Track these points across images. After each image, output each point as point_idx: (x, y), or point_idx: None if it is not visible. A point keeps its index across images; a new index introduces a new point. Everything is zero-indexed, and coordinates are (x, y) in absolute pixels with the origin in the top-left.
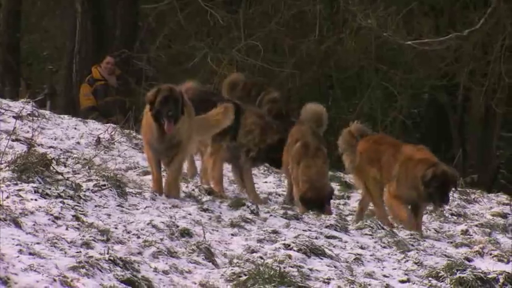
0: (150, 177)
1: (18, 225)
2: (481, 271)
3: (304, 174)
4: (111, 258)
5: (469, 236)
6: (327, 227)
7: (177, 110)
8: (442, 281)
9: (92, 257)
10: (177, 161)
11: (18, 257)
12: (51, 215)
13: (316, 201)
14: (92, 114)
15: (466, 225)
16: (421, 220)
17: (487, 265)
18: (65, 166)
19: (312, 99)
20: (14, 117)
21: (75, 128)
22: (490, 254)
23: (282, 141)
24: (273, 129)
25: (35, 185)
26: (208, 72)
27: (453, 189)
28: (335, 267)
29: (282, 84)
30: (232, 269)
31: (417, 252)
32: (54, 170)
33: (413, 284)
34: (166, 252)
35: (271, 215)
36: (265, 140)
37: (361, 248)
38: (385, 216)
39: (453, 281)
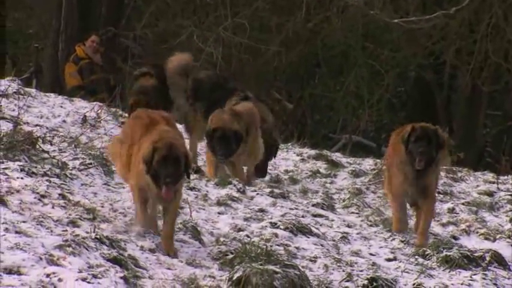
0: None
1: (4, 203)
2: (467, 249)
3: None
4: (98, 236)
5: (455, 215)
6: (313, 205)
7: (178, 173)
8: (428, 259)
9: (78, 235)
10: (173, 212)
11: (4, 235)
12: (38, 193)
13: None
14: (78, 93)
15: (452, 203)
16: (425, 225)
17: (474, 243)
18: (51, 144)
19: (298, 77)
20: None
21: (62, 106)
22: (477, 233)
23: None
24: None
25: (21, 163)
26: (194, 50)
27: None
28: (322, 245)
29: (268, 62)
30: (219, 248)
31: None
32: (41, 149)
33: (400, 262)
34: (152, 231)
35: (257, 194)
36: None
37: (348, 226)
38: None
39: (439, 259)
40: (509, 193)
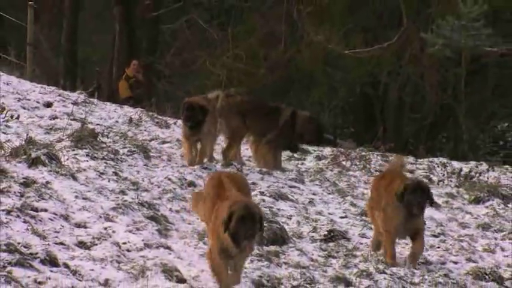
0: (167, 145)
1: (75, 178)
2: None
3: None
4: (140, 201)
5: None
6: (290, 179)
7: (256, 229)
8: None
9: (126, 201)
10: (243, 263)
11: (74, 200)
12: (98, 171)
13: None
14: (129, 101)
15: None
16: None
17: None
18: (108, 137)
19: (279, 91)
20: (72, 103)
21: (115, 111)
22: None
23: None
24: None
25: (86, 150)
26: (206, 72)
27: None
28: (295, 207)
29: (258, 81)
30: None
31: (352, 197)
32: (100, 140)
33: (350, 219)
34: (178, 198)
35: (250, 171)
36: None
37: (313, 194)
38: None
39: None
40: (424, 171)
